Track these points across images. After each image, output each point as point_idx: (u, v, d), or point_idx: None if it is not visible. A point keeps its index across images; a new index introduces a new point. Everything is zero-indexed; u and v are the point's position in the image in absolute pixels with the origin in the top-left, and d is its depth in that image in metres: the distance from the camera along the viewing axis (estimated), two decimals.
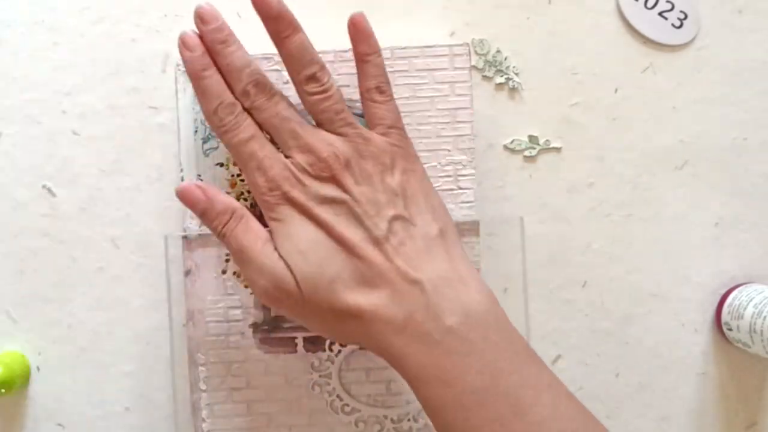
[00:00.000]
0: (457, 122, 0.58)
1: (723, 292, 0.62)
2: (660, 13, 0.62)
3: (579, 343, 0.62)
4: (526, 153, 0.61)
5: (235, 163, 0.57)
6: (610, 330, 0.62)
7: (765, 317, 0.57)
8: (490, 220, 0.60)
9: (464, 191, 0.58)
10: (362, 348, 0.57)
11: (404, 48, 0.57)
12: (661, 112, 0.62)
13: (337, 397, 0.58)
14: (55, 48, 0.61)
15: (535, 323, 0.61)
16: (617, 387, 0.62)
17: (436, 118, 0.57)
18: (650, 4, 0.61)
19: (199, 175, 0.57)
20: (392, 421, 0.58)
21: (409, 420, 0.58)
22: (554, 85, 0.61)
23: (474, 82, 0.59)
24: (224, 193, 0.52)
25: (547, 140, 0.61)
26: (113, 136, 0.61)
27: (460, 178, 0.57)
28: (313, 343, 0.57)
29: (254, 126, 0.52)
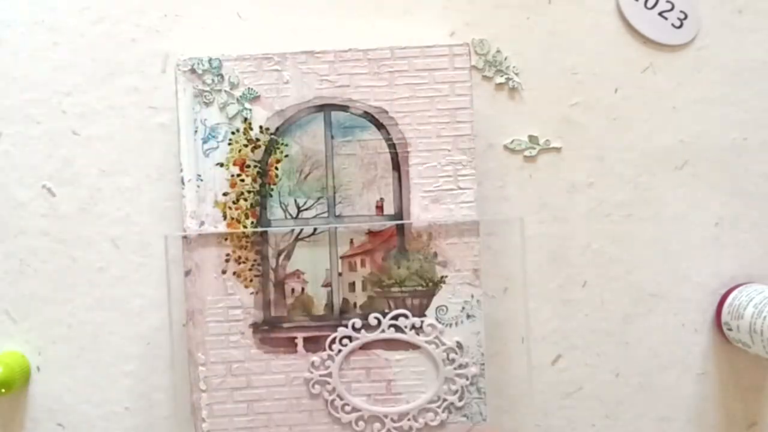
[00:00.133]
0: (457, 122, 0.57)
1: (723, 292, 0.62)
2: (660, 13, 0.62)
3: (579, 343, 0.62)
4: (526, 153, 0.61)
5: (235, 163, 0.57)
6: (610, 330, 0.62)
7: (765, 317, 0.57)
8: (490, 220, 0.60)
9: (464, 191, 0.58)
10: (362, 348, 0.57)
11: (404, 48, 0.57)
12: (661, 112, 0.62)
13: (338, 396, 0.58)
14: (55, 48, 0.61)
15: (535, 323, 0.61)
16: (617, 387, 0.62)
17: (436, 118, 0.57)
18: (650, 4, 0.61)
19: (199, 175, 0.57)
20: (392, 420, 0.58)
21: (409, 420, 0.58)
22: (554, 85, 0.61)
23: (474, 82, 0.59)
24: None
25: (547, 140, 0.61)
26: (113, 136, 0.61)
27: (460, 178, 0.57)
28: (313, 343, 0.57)
29: None
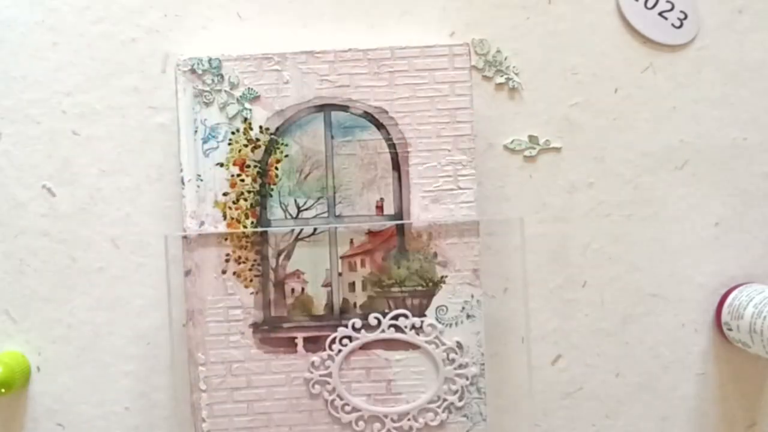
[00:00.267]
0: (457, 122, 0.57)
1: (723, 292, 0.62)
2: (660, 13, 0.62)
3: (579, 343, 0.62)
4: (526, 153, 0.61)
5: (235, 163, 0.57)
6: (610, 330, 0.62)
7: (765, 317, 0.57)
8: (490, 220, 0.60)
9: (464, 191, 0.58)
10: (362, 348, 0.57)
11: (404, 48, 0.57)
12: (661, 112, 0.62)
13: (338, 396, 0.57)
14: (55, 48, 0.61)
15: (535, 323, 0.61)
16: (617, 387, 0.62)
17: (436, 118, 0.57)
18: (650, 4, 0.61)
19: (199, 175, 0.57)
20: (392, 420, 0.58)
21: (409, 420, 0.58)
22: (554, 85, 0.61)
23: (474, 82, 0.59)
24: None
25: (547, 140, 0.61)
26: (113, 136, 0.61)
27: (460, 178, 0.57)
28: (313, 343, 0.57)
29: None
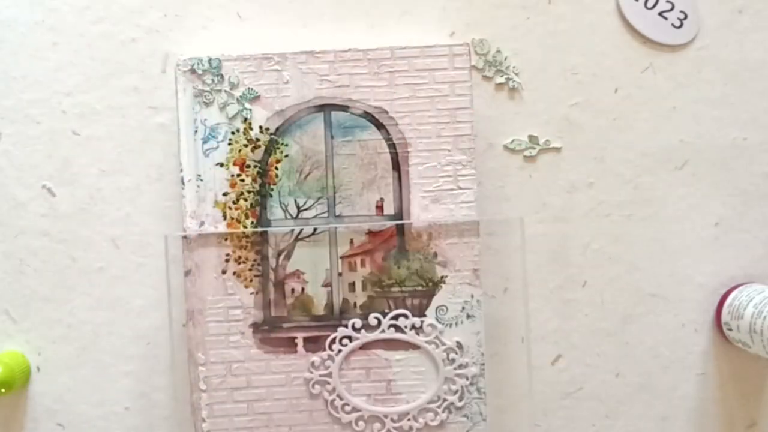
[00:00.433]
0: (457, 122, 0.57)
1: (723, 292, 0.62)
2: (660, 13, 0.62)
3: (579, 343, 0.62)
4: (526, 153, 0.61)
5: (235, 163, 0.57)
6: (610, 330, 0.62)
7: (765, 317, 0.57)
8: (490, 220, 0.60)
9: (464, 191, 0.58)
10: (362, 348, 0.57)
11: (404, 48, 0.57)
12: (661, 112, 0.62)
13: (338, 396, 0.57)
14: (55, 48, 0.61)
15: (535, 323, 0.61)
16: (617, 387, 0.62)
17: (436, 118, 0.57)
18: (650, 4, 0.61)
19: (199, 175, 0.57)
20: (392, 420, 0.58)
21: (409, 420, 0.58)
22: (554, 85, 0.61)
23: (474, 82, 0.59)
24: None
25: (547, 140, 0.61)
26: (113, 136, 0.61)
27: (460, 178, 0.57)
28: (313, 343, 0.57)
29: None
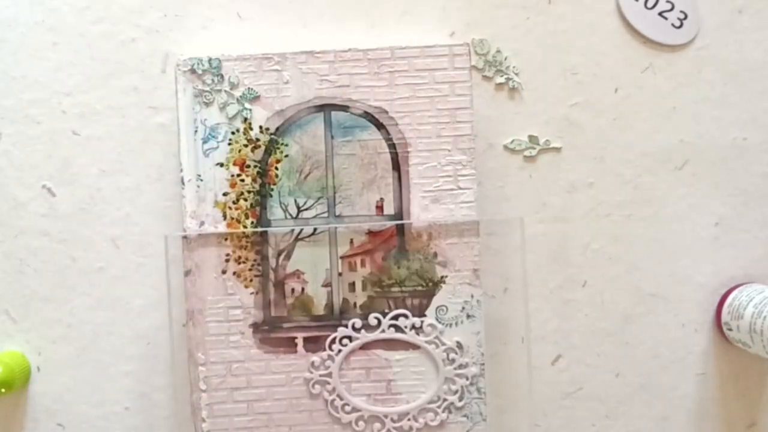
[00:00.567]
0: (457, 122, 0.57)
1: (723, 292, 0.62)
2: (660, 13, 0.62)
3: (579, 343, 0.62)
4: (526, 153, 0.61)
5: (235, 163, 0.57)
6: (610, 330, 0.62)
7: (765, 317, 0.57)
8: (490, 220, 0.60)
9: (464, 191, 0.58)
10: (362, 348, 0.57)
11: (404, 48, 0.57)
12: (661, 112, 0.62)
13: (338, 396, 0.57)
14: (55, 48, 0.61)
15: (535, 323, 0.61)
16: (617, 387, 0.62)
17: (436, 118, 0.57)
18: (650, 4, 0.61)
19: (199, 175, 0.57)
20: (392, 420, 0.58)
21: (409, 420, 0.58)
22: (554, 85, 0.61)
23: (474, 82, 0.59)
24: None
25: (547, 140, 0.61)
26: (113, 136, 0.61)
27: (460, 178, 0.57)
28: (313, 343, 0.57)
29: None
